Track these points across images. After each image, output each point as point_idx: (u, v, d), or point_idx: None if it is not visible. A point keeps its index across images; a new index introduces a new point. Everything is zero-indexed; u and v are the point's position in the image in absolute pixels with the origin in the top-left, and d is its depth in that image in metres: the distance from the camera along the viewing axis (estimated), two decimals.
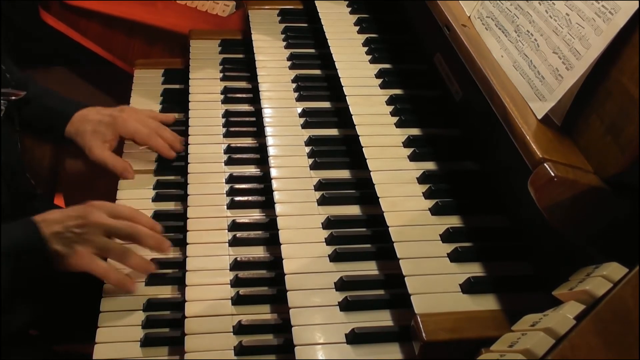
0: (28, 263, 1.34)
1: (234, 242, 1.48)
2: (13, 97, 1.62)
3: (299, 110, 1.73)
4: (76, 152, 1.73)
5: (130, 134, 1.73)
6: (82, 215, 1.38)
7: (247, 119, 1.81)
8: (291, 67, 1.88)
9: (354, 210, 1.48)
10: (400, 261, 1.26)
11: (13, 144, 1.61)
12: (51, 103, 1.74)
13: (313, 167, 1.56)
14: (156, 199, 1.65)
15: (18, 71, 1.74)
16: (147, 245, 1.43)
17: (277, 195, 1.49)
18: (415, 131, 1.57)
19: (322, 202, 1.48)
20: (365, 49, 1.83)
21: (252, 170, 1.67)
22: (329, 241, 1.39)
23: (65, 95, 1.81)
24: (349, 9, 2.00)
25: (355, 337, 1.20)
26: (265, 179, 1.61)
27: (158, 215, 1.60)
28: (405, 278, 1.23)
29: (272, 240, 1.47)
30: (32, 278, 1.43)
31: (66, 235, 1.35)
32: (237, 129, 1.78)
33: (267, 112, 1.72)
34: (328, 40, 1.84)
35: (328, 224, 1.42)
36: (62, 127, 1.71)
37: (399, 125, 1.58)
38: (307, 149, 1.61)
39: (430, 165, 1.48)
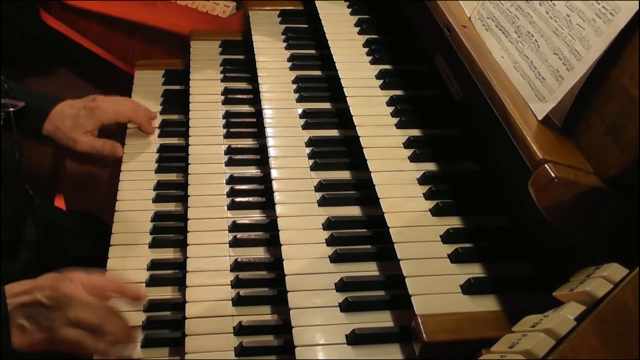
0: None
1: (235, 243, 1.48)
2: (11, 108, 1.61)
3: (300, 111, 1.73)
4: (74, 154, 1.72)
5: (112, 118, 1.76)
6: (54, 286, 1.22)
7: (247, 119, 1.81)
8: (292, 68, 1.88)
9: (354, 211, 1.48)
10: (400, 262, 1.26)
11: (12, 152, 1.60)
12: (31, 101, 1.71)
13: (313, 168, 1.56)
14: (157, 199, 1.65)
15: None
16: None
17: (277, 196, 1.49)
18: (415, 132, 1.57)
19: (322, 203, 1.48)
20: (366, 49, 1.83)
21: (252, 171, 1.67)
22: (329, 242, 1.39)
23: (66, 96, 1.81)
24: (350, 9, 2.00)
25: (356, 338, 1.20)
26: (265, 179, 1.61)
27: (158, 216, 1.60)
28: (406, 279, 1.23)
29: (272, 241, 1.47)
30: None
31: (34, 308, 1.20)
32: (237, 130, 1.78)
33: (267, 113, 1.72)
34: (328, 41, 1.84)
35: (328, 224, 1.42)
36: (40, 125, 1.69)
37: (399, 126, 1.58)
38: (308, 150, 1.61)
39: (430, 166, 1.48)
